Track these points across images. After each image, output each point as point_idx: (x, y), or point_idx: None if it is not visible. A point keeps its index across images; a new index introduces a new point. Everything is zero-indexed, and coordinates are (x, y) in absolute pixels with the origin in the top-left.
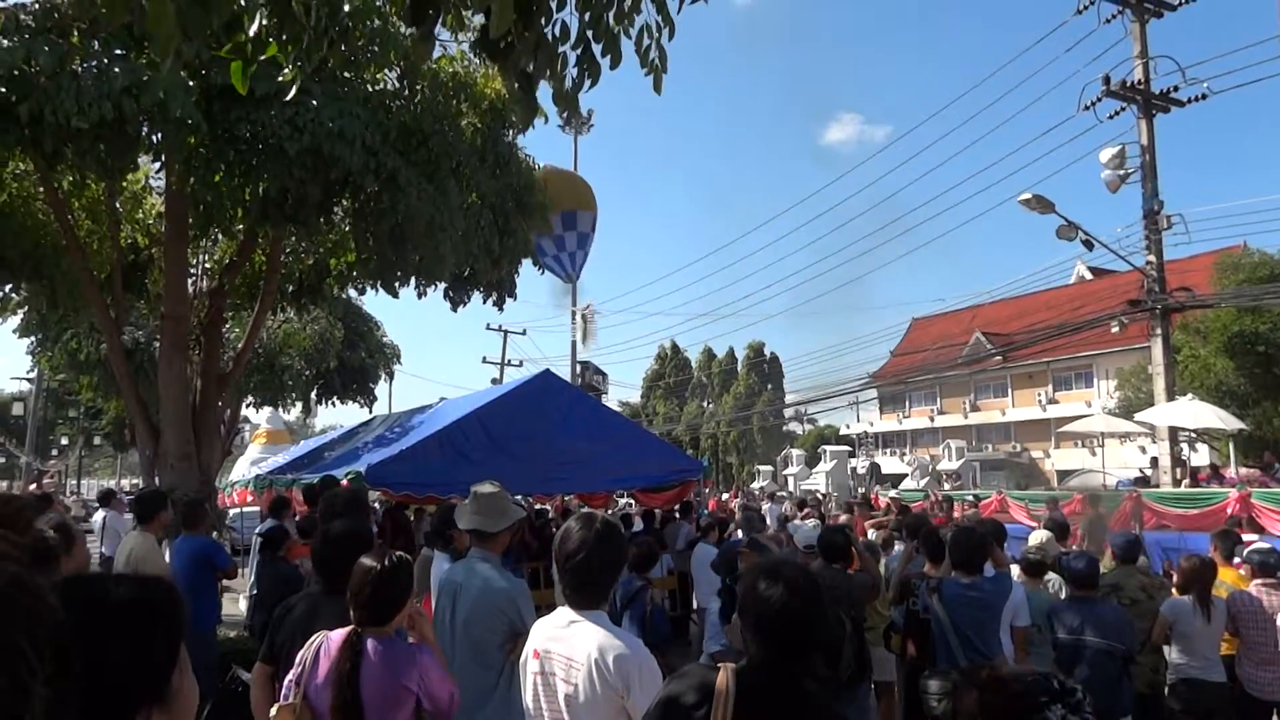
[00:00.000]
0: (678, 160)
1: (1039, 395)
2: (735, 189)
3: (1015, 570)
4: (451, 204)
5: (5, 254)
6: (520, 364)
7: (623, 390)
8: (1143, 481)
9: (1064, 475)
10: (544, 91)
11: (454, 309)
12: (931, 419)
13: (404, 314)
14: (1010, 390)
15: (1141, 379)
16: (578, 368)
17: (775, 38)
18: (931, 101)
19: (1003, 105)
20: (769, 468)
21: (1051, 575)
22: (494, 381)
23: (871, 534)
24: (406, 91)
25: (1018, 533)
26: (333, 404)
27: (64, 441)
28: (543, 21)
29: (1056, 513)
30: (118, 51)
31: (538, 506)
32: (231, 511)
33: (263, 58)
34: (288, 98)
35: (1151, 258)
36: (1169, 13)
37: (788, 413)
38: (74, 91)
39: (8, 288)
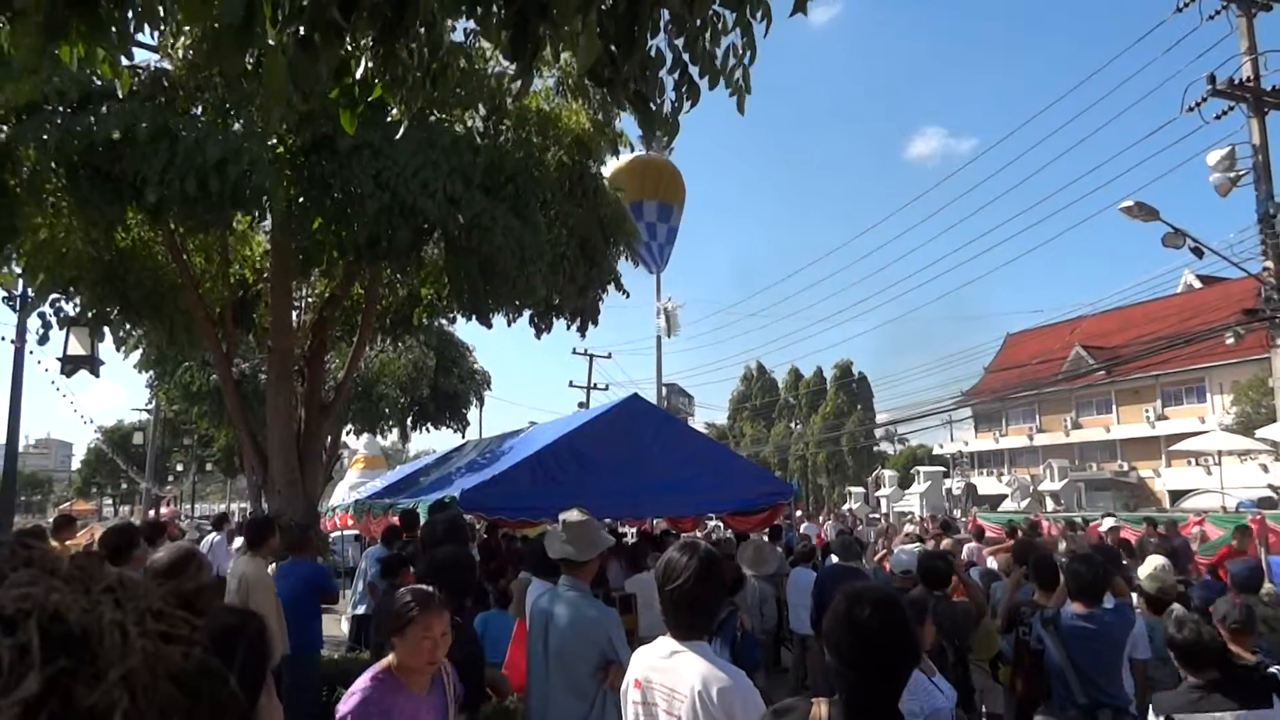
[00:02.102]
0: (759, 179)
1: (1146, 411)
2: (817, 208)
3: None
4: (539, 238)
5: (129, 295)
6: (606, 388)
7: (709, 412)
8: (1268, 502)
9: (1177, 496)
10: (628, 122)
11: (538, 336)
12: (1030, 437)
13: (491, 339)
14: (1115, 406)
15: (1261, 392)
16: (663, 390)
17: (853, 55)
18: (1020, 111)
19: (1098, 111)
20: (860, 489)
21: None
22: (580, 405)
23: (990, 562)
24: (493, 131)
25: None
26: (427, 430)
27: (179, 468)
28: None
29: (1176, 537)
30: (219, 120)
31: (624, 529)
32: (333, 535)
33: (370, 99)
34: (397, 137)
35: (1269, 263)
36: (1278, 5)
37: (878, 433)
38: (163, 161)
39: (127, 326)
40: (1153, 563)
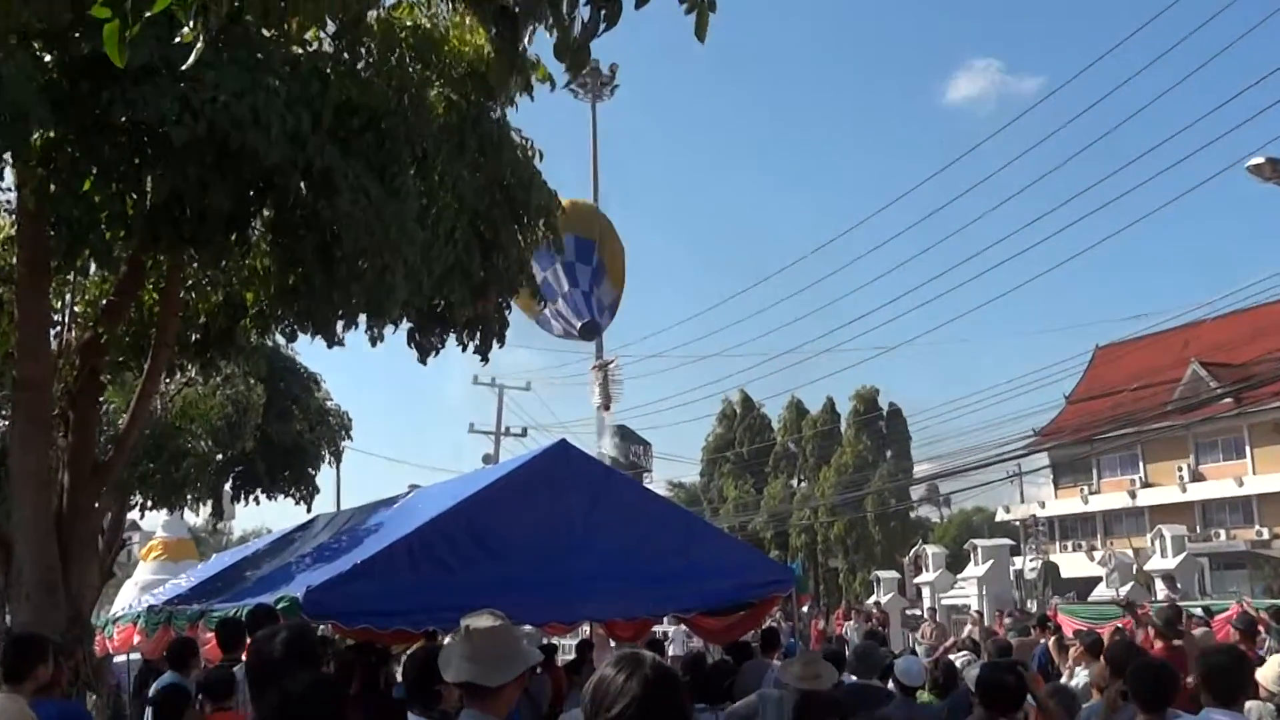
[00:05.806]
0: (740, 132)
1: None
2: (822, 173)
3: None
4: (406, 210)
5: None
6: (524, 432)
7: (673, 466)
8: None
9: None
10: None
11: (422, 359)
12: (1132, 494)
13: (355, 367)
14: (1249, 448)
15: None
16: (607, 435)
17: None
18: (1101, 39)
19: (1209, 34)
20: (893, 574)
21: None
22: (487, 459)
23: (1080, 675)
24: (348, 54)
25: None
26: (255, 500)
27: None
28: None
29: None
30: None
31: (549, 640)
32: (116, 659)
33: (149, 14)
34: (185, 66)
35: None
36: None
37: (916, 492)
38: None
39: None
40: (1276, 664)
